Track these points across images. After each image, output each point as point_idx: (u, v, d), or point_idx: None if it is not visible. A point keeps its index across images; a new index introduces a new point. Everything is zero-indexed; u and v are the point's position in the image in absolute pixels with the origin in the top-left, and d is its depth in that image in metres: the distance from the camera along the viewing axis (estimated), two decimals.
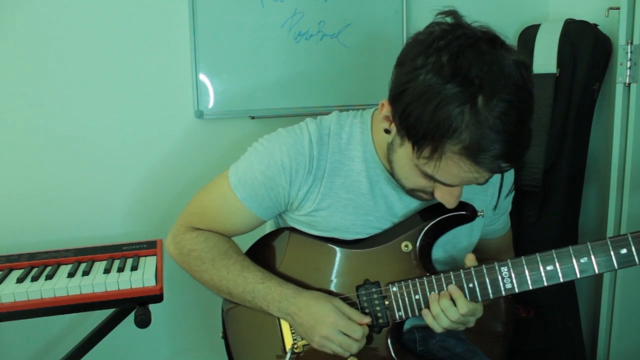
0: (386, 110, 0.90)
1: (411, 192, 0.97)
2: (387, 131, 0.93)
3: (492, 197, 1.10)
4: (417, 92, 0.80)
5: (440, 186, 0.90)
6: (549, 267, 0.90)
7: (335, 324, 0.97)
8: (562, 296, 1.67)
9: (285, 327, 1.06)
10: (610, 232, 1.55)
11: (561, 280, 0.90)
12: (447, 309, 0.93)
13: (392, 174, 1.00)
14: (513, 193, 1.15)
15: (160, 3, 1.58)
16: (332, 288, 1.04)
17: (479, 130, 0.78)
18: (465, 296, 0.94)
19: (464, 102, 0.77)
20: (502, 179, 1.10)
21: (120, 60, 1.57)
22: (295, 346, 1.05)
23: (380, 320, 1.01)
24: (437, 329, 0.95)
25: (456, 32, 0.82)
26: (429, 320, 0.96)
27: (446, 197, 0.91)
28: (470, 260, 0.96)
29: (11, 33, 1.49)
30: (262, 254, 1.11)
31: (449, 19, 0.84)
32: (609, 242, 0.88)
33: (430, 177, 0.87)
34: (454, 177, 0.85)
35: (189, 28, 1.58)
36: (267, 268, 1.07)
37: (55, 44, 1.52)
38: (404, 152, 0.89)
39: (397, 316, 1.00)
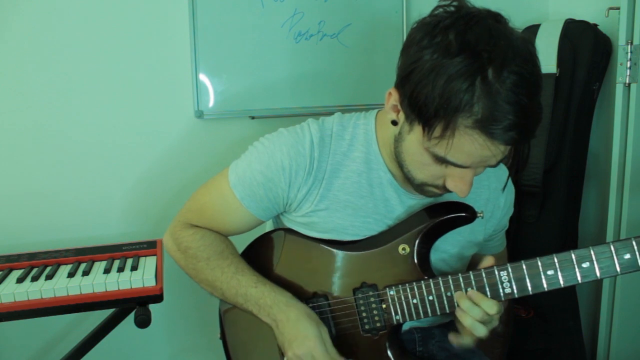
0: (393, 98, 0.89)
1: (421, 188, 0.95)
2: (394, 122, 0.92)
3: (501, 180, 1.09)
4: (426, 69, 0.80)
5: (452, 174, 0.88)
6: (550, 272, 0.88)
7: (312, 349, 0.95)
8: (562, 296, 1.67)
9: None
10: (610, 232, 1.55)
11: (562, 285, 0.88)
12: (469, 309, 0.91)
13: (395, 174, 0.99)
14: (511, 212, 1.14)
15: (160, 3, 1.58)
16: (329, 290, 1.03)
17: (491, 102, 0.77)
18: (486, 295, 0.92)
19: (474, 74, 0.77)
20: (507, 179, 1.10)
21: (121, 60, 1.57)
22: None
23: (378, 324, 1.00)
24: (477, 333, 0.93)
25: (461, 11, 0.82)
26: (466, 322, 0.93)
27: (458, 185, 0.89)
28: (488, 261, 0.94)
29: (10, 33, 1.49)
30: (257, 255, 1.10)
31: (454, 3, 0.84)
32: (612, 247, 0.85)
33: (442, 160, 0.85)
34: (467, 155, 0.83)
35: (189, 28, 1.58)
36: (262, 269, 1.06)
37: (54, 44, 1.52)
38: (414, 138, 0.88)
39: (394, 320, 0.99)
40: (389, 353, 1.01)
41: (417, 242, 0.99)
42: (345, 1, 1.68)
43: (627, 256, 0.85)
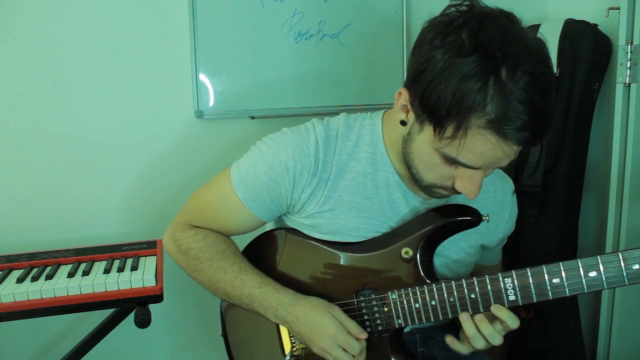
0: (403, 98, 0.88)
1: (429, 190, 0.94)
2: (403, 123, 0.91)
3: (506, 193, 1.09)
4: (438, 69, 0.79)
5: (461, 176, 0.87)
6: (556, 280, 0.86)
7: (333, 338, 0.95)
8: (562, 297, 1.67)
9: (283, 329, 1.05)
10: (610, 232, 1.55)
11: (567, 294, 0.86)
12: (491, 336, 0.91)
13: (402, 175, 0.99)
14: (513, 229, 1.13)
15: (160, 3, 1.58)
16: (330, 292, 1.02)
17: (504, 102, 0.76)
18: (468, 309, 0.92)
19: (488, 74, 0.76)
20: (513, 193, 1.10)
21: (120, 60, 1.57)
22: (295, 349, 1.04)
23: (380, 327, 0.99)
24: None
25: (474, 11, 0.81)
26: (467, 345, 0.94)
27: (468, 186, 0.88)
28: None
29: (10, 32, 1.48)
30: (258, 254, 1.09)
31: (466, 2, 0.83)
32: (620, 257, 0.83)
33: (453, 160, 0.84)
34: (478, 156, 0.82)
35: (189, 28, 1.58)
36: (262, 269, 1.05)
37: (54, 44, 1.52)
38: (424, 138, 0.87)
39: (396, 324, 0.98)
40: (391, 356, 1.00)
41: (420, 245, 0.97)
42: (345, 1, 1.68)
43: (636, 267, 0.83)
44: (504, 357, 1.62)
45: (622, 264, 0.83)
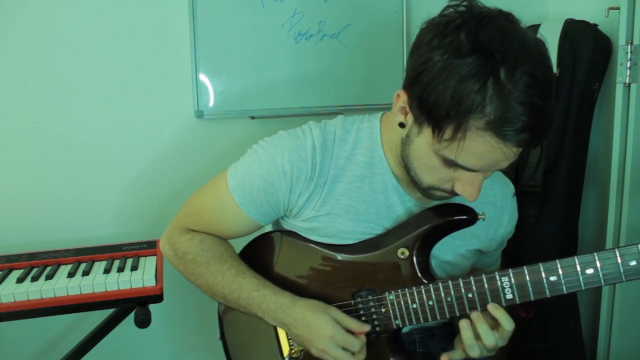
0: (402, 100, 0.87)
1: (428, 192, 0.93)
2: (402, 125, 0.90)
3: (506, 197, 1.08)
4: (437, 70, 0.78)
5: (461, 178, 0.87)
6: (553, 278, 0.86)
7: (332, 338, 0.94)
8: (562, 296, 1.66)
9: (281, 332, 1.05)
10: (610, 232, 1.55)
11: (565, 292, 0.86)
12: (490, 345, 0.90)
13: (400, 178, 0.98)
14: (512, 234, 1.13)
15: (160, 3, 1.58)
16: (328, 293, 1.01)
17: (503, 103, 0.75)
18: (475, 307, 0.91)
19: (486, 75, 0.75)
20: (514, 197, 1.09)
21: (120, 61, 1.57)
22: (293, 351, 1.03)
23: (378, 328, 0.99)
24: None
25: (472, 11, 0.81)
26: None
27: (467, 189, 0.87)
28: None
29: (10, 33, 1.49)
30: (254, 257, 1.08)
31: (464, 2, 0.82)
32: (617, 253, 0.83)
33: (452, 163, 0.84)
34: (477, 158, 0.81)
35: (189, 28, 1.58)
36: (259, 272, 1.04)
37: (54, 44, 1.52)
38: (422, 141, 0.86)
39: (394, 324, 0.98)
40: (390, 357, 1.00)
41: (416, 245, 0.97)
42: (345, 1, 1.68)
43: (633, 263, 0.82)
44: (504, 357, 1.62)
45: (619, 261, 0.83)
